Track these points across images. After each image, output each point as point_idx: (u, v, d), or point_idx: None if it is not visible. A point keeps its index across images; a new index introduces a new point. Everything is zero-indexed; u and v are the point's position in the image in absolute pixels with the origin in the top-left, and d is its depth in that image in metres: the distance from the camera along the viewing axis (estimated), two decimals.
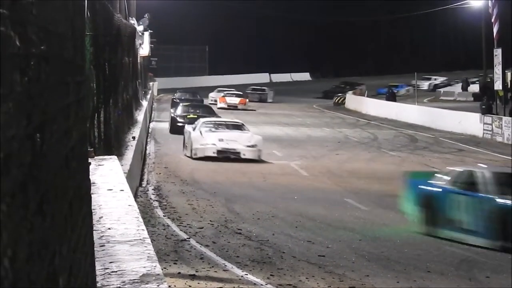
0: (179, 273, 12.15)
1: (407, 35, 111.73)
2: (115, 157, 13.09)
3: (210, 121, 30.36)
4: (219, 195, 20.25)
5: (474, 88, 69.60)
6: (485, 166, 18.65)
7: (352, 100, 64.55)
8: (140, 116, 30.39)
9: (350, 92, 71.05)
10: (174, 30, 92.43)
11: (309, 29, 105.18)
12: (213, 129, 28.93)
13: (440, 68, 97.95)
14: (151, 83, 64.59)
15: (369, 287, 12.21)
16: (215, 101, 57.34)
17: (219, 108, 51.55)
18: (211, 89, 65.02)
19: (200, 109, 39.83)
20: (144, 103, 39.74)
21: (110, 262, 5.23)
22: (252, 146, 27.87)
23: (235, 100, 56.41)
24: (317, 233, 16.02)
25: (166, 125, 39.09)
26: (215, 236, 15.25)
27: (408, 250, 14.98)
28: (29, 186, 2.09)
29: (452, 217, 16.18)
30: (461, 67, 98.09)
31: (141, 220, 7.04)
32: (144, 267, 5.15)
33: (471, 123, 42.98)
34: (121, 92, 21.13)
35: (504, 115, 41.48)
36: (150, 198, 19.41)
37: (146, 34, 51.48)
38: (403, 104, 57.12)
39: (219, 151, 27.56)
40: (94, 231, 5.24)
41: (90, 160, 9.00)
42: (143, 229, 6.52)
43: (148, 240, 6.09)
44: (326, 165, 27.51)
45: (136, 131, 23.72)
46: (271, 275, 12.44)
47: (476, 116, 42.77)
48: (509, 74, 49.63)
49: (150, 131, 37.41)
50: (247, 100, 57.69)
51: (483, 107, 42.53)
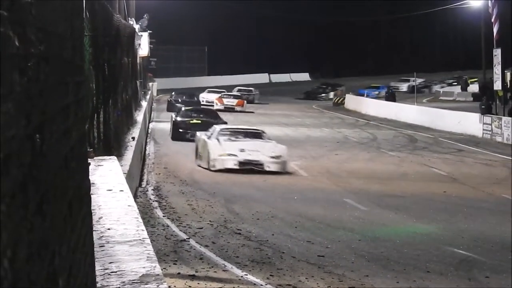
0: (179, 273, 12.16)
1: (407, 35, 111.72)
2: (115, 157, 13.08)
3: (227, 129, 27.50)
4: (218, 195, 20.25)
5: (474, 88, 69.58)
6: None
7: (352, 100, 64.56)
8: (139, 116, 30.34)
9: (332, 93, 73.33)
10: (173, 30, 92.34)
11: (309, 29, 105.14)
12: (232, 138, 25.98)
13: (440, 68, 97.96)
14: (150, 84, 64.52)
15: (369, 287, 12.22)
16: (206, 102, 55.78)
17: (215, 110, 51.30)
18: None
19: (204, 113, 36.76)
20: (144, 104, 39.67)
21: (110, 263, 5.23)
22: (277, 157, 25.18)
23: (232, 102, 55.29)
24: (317, 233, 16.02)
25: (165, 126, 38.98)
26: (214, 236, 15.26)
27: (408, 250, 14.99)
28: (29, 186, 2.10)
29: None
30: (460, 67, 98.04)
31: (140, 220, 7.04)
32: (144, 267, 5.15)
33: (470, 123, 42.97)
34: (120, 93, 21.12)
35: (504, 115, 41.47)
36: (150, 199, 19.41)
37: (145, 34, 51.41)
38: (402, 104, 57.13)
39: (241, 163, 24.81)
40: (93, 232, 5.24)
41: (89, 160, 9.00)
42: (142, 230, 6.52)
43: (148, 241, 6.08)
44: (325, 165, 27.50)
45: (135, 132, 23.69)
46: (270, 275, 12.45)
47: (476, 116, 42.76)
48: (508, 74, 49.56)
49: (149, 131, 37.38)
50: (245, 101, 56.59)
51: (483, 107, 42.52)
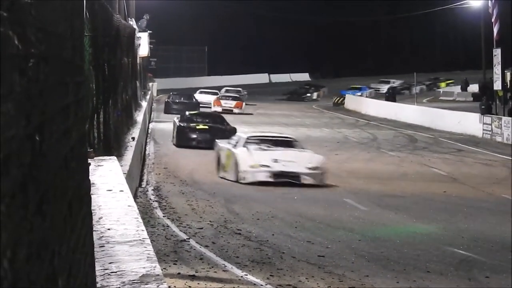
0: (179, 273, 12.16)
1: (407, 35, 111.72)
2: (115, 157, 13.08)
3: (255, 137, 24.96)
4: (218, 195, 20.25)
5: (472, 88, 69.56)
6: None
7: (352, 100, 64.58)
8: (139, 116, 30.32)
9: (315, 93, 75.48)
10: (173, 30, 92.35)
11: (309, 29, 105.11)
12: (262, 147, 23.62)
13: (440, 68, 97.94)
14: (150, 84, 64.49)
15: (369, 287, 12.21)
16: (201, 103, 53.93)
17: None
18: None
19: (210, 118, 34.58)
20: (144, 104, 39.65)
21: (110, 263, 5.23)
22: (314, 168, 22.91)
23: (230, 103, 53.85)
24: (317, 233, 16.02)
25: (165, 126, 38.99)
26: (214, 236, 15.25)
27: (408, 250, 14.98)
28: (29, 186, 2.10)
29: None
30: (460, 67, 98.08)
31: (140, 220, 7.04)
32: (144, 267, 5.15)
33: (470, 123, 42.97)
34: (120, 93, 21.12)
35: (504, 115, 41.48)
36: (150, 199, 19.41)
37: (145, 34, 51.38)
38: (402, 104, 57.15)
39: (275, 175, 22.53)
40: (93, 232, 5.24)
41: (89, 160, 9.00)
42: (142, 230, 6.51)
43: (148, 241, 6.08)
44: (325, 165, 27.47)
45: (135, 132, 23.68)
46: (270, 275, 12.44)
47: (476, 116, 42.76)
48: (508, 74, 49.55)
49: (149, 131, 37.37)
50: (243, 103, 55.34)
51: (483, 107, 42.53)
